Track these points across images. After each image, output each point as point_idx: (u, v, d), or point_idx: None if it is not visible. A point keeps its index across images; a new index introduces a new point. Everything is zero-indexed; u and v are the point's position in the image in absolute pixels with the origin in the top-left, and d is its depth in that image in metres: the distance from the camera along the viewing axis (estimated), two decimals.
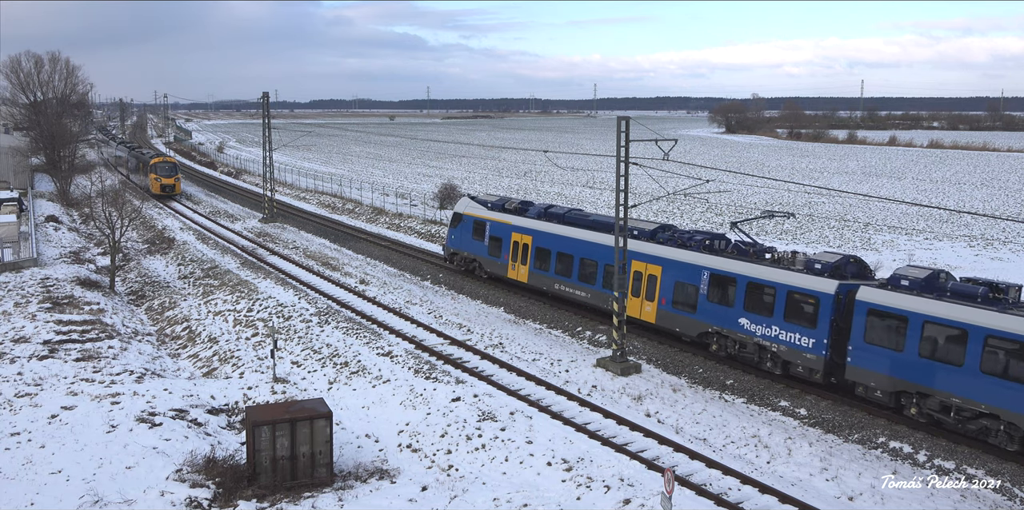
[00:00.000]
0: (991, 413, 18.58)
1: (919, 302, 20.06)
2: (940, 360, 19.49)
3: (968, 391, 18.89)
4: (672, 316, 26.51)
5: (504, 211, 35.03)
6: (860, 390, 21.45)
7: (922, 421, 20.31)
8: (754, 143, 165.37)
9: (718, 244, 26.72)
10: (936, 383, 19.53)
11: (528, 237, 32.69)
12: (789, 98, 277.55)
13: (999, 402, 18.28)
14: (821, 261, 22.94)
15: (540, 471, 18.20)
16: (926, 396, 19.94)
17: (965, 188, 77.90)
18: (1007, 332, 18.10)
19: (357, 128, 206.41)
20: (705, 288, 25.37)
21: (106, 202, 47.01)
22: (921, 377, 19.86)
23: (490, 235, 34.93)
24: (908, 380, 20.16)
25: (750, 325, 24.02)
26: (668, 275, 26.57)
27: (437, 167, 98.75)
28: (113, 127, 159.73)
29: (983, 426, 19.01)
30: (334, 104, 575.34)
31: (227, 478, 17.58)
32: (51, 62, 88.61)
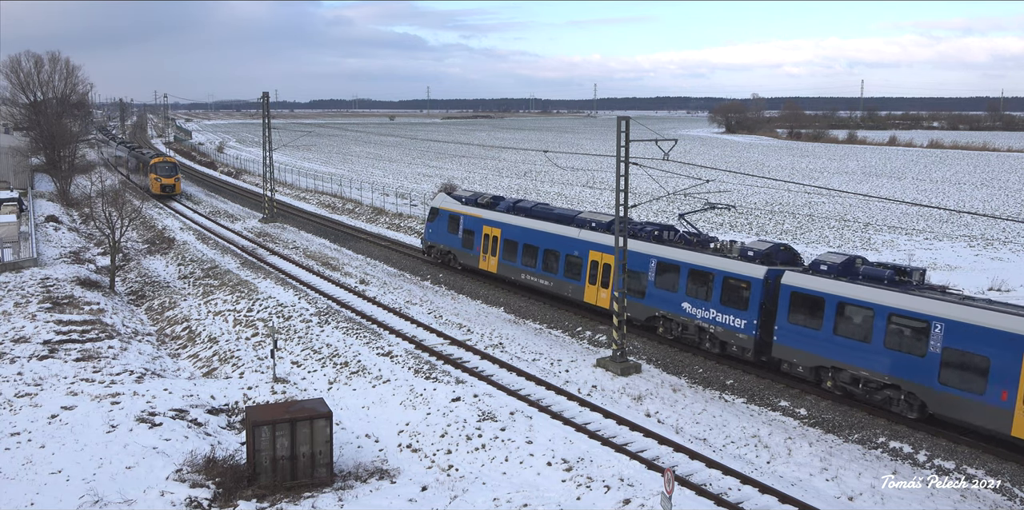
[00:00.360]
0: (893, 384, 20.54)
1: (834, 285, 21.87)
2: (851, 337, 21.40)
3: (874, 364, 20.87)
4: (635, 304, 27.80)
5: (476, 205, 36.71)
6: (785, 366, 23.29)
7: (837, 393, 22.14)
8: (754, 143, 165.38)
9: (667, 234, 28.50)
10: (848, 358, 21.46)
11: (497, 230, 34.42)
12: (789, 98, 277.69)
13: (900, 373, 20.28)
14: (754, 249, 24.72)
15: (540, 471, 18.20)
16: (840, 370, 21.81)
17: (965, 188, 77.90)
18: (906, 310, 20.10)
19: (357, 128, 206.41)
20: (652, 275, 27.18)
21: (106, 202, 47.02)
22: (836, 353, 21.77)
23: (463, 228, 36.63)
24: (825, 356, 22.02)
25: (692, 309, 25.87)
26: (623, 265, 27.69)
27: (437, 167, 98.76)
28: (113, 127, 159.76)
29: (887, 396, 20.88)
30: (334, 104, 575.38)
31: (227, 478, 17.58)
32: (51, 62, 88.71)
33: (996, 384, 18.29)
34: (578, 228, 30.59)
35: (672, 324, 26.98)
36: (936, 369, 19.51)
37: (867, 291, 21.12)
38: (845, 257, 22.89)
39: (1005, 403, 18.14)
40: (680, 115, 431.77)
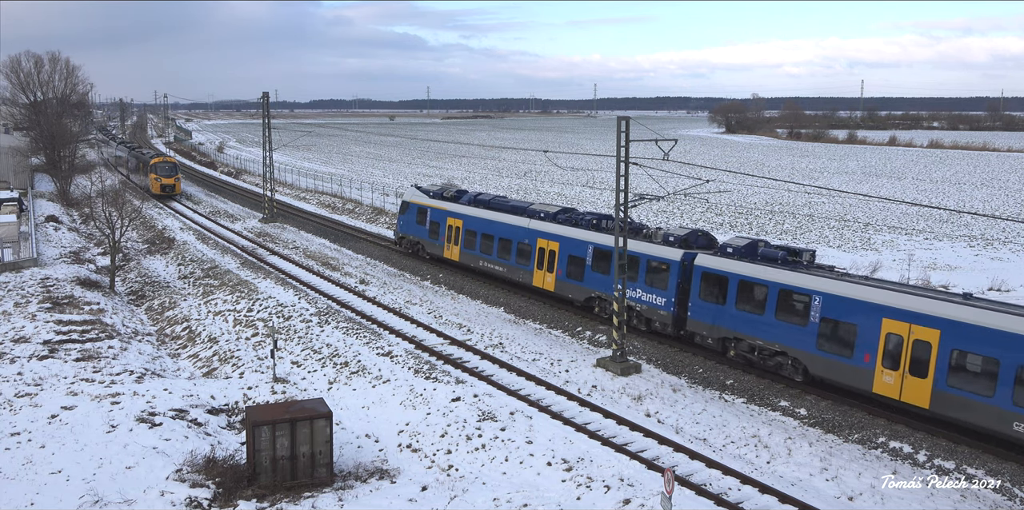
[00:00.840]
0: (782, 351, 23.21)
1: (736, 265, 24.66)
2: (749, 311, 24.14)
3: (767, 334, 23.60)
4: (566, 284, 30.73)
5: (442, 198, 39.34)
6: (697, 339, 26.07)
7: (739, 361, 24.88)
8: (754, 143, 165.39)
9: (604, 223, 30.68)
10: (746, 329, 24.23)
11: (459, 221, 37.00)
12: (789, 98, 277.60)
13: (787, 341, 23.05)
14: (674, 234, 27.28)
15: (540, 471, 18.20)
16: (740, 340, 24.58)
17: (965, 188, 77.90)
18: (792, 286, 22.89)
19: (357, 128, 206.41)
20: (590, 260, 29.64)
21: (106, 202, 47.02)
22: (737, 325, 24.55)
23: (430, 220, 39.25)
24: (729, 328, 24.80)
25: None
26: (564, 250, 30.89)
27: (437, 167, 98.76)
28: (113, 127, 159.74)
29: (778, 362, 23.56)
30: (334, 104, 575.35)
31: (227, 478, 17.59)
32: (51, 62, 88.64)
33: (861, 348, 21.09)
34: (528, 218, 33.23)
35: (606, 304, 29.20)
36: (815, 337, 22.26)
37: (762, 270, 23.83)
38: (748, 240, 25.60)
39: (868, 364, 21.03)
40: (680, 115, 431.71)
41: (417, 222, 40.32)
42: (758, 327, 23.84)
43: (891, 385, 20.44)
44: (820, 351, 22.17)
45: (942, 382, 19.39)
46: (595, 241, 29.39)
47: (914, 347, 19.96)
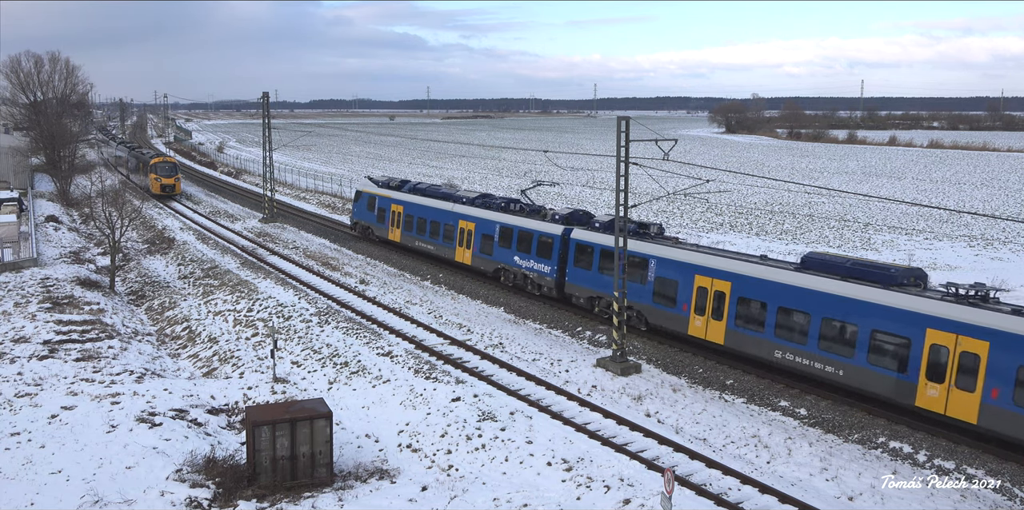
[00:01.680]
0: (630, 305, 27.55)
1: (598, 236, 29.54)
2: (607, 274, 28.72)
3: (639, 298, 27.81)
4: (479, 258, 35.72)
5: (388, 188, 44.20)
6: (573, 300, 30.99)
7: (604, 317, 29.32)
8: (754, 143, 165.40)
9: (511, 205, 35.80)
10: (606, 289, 28.85)
11: (400, 207, 41.93)
12: (789, 98, 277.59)
13: (633, 297, 27.56)
14: (559, 213, 32.32)
15: (540, 471, 18.20)
16: (602, 299, 29.53)
17: (965, 188, 77.91)
18: (635, 252, 27.56)
19: (357, 128, 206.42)
20: (496, 237, 34.52)
21: (106, 202, 47.01)
22: (599, 286, 29.39)
23: (378, 207, 44.06)
24: (594, 289, 29.69)
25: (520, 261, 33.28)
26: (478, 229, 35.64)
27: (437, 167, 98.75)
28: (113, 127, 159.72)
29: (628, 315, 27.34)
30: (334, 104, 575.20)
31: (227, 478, 17.58)
32: (51, 62, 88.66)
33: (680, 299, 26.22)
34: (452, 203, 37.96)
35: (509, 274, 34.29)
36: (651, 292, 27.24)
37: (634, 245, 27.86)
38: (611, 217, 29.52)
39: (684, 312, 26.10)
40: (680, 115, 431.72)
41: (367, 209, 45.25)
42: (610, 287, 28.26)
43: (700, 327, 25.71)
44: (655, 304, 27.19)
45: (732, 323, 24.59)
46: (501, 221, 34.48)
47: (714, 296, 25.05)
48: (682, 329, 26.15)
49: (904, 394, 20.29)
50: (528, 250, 32.65)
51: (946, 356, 19.35)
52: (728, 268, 24.68)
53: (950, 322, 19.34)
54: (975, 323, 18.86)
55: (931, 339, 19.63)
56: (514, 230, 33.45)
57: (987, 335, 18.54)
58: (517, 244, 33.30)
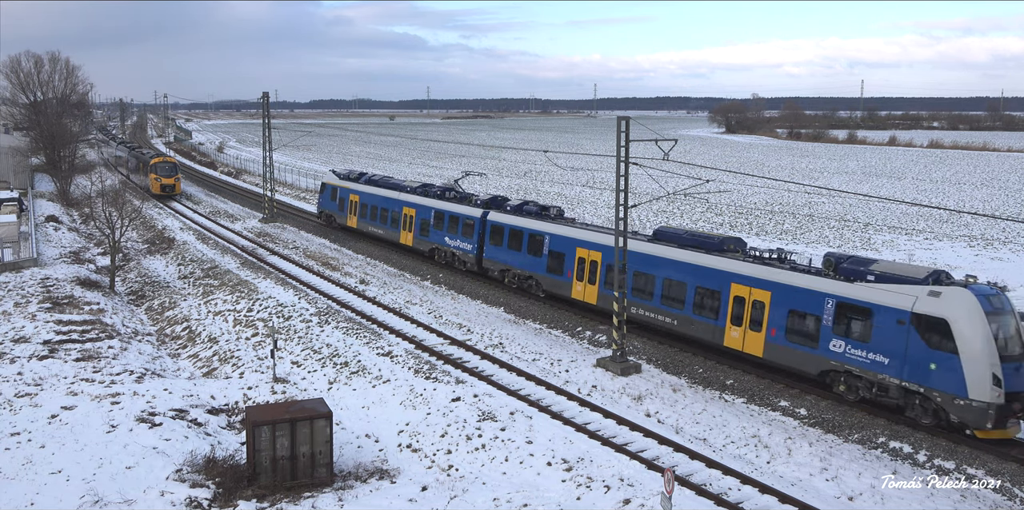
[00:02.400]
0: (530, 276, 33.12)
1: (508, 218, 34.64)
2: (514, 250, 33.88)
3: (523, 265, 33.34)
4: (418, 240, 40.63)
5: (348, 180, 49.16)
6: (489, 272, 35.84)
7: (513, 286, 34.44)
8: (754, 143, 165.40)
9: (446, 193, 40.47)
10: (514, 263, 33.93)
11: (357, 196, 47.00)
12: (789, 98, 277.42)
13: (532, 269, 32.86)
14: (480, 198, 37.69)
15: (540, 471, 18.20)
16: (510, 271, 34.38)
17: (965, 188, 77.92)
18: (534, 229, 32.89)
19: (357, 128, 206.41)
20: (432, 221, 39.21)
21: (106, 202, 47.01)
22: (508, 260, 34.29)
23: (339, 197, 49.12)
24: (504, 263, 34.59)
25: (449, 241, 38.04)
26: (418, 214, 40.54)
27: (437, 167, 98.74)
28: (113, 127, 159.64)
29: (528, 284, 33.41)
30: (334, 104, 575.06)
31: (227, 478, 17.59)
32: (51, 62, 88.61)
33: (567, 269, 31.03)
34: (399, 192, 42.94)
35: (442, 253, 39.03)
36: (546, 264, 32.01)
37: (522, 221, 33.78)
38: (521, 201, 36.07)
39: (568, 279, 30.97)
40: (680, 115, 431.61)
41: (331, 199, 50.35)
42: (518, 259, 33.65)
43: (580, 291, 30.49)
44: (549, 273, 31.97)
45: (602, 287, 29.31)
46: (436, 206, 39.09)
47: (590, 265, 29.94)
48: (567, 293, 31.12)
49: (717, 337, 25.05)
50: (456, 231, 37.64)
51: (743, 304, 24.13)
52: (599, 241, 29.60)
53: (746, 277, 24.14)
54: (762, 277, 23.58)
55: (734, 291, 24.48)
56: (445, 214, 38.51)
57: (770, 286, 23.32)
58: (448, 226, 38.24)
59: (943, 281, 20.64)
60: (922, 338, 19.86)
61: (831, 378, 22.17)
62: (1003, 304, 19.88)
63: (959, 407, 19.14)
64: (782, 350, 23.07)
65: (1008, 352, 19.22)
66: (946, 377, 19.36)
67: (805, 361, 22.54)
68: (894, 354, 20.42)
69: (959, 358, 19.14)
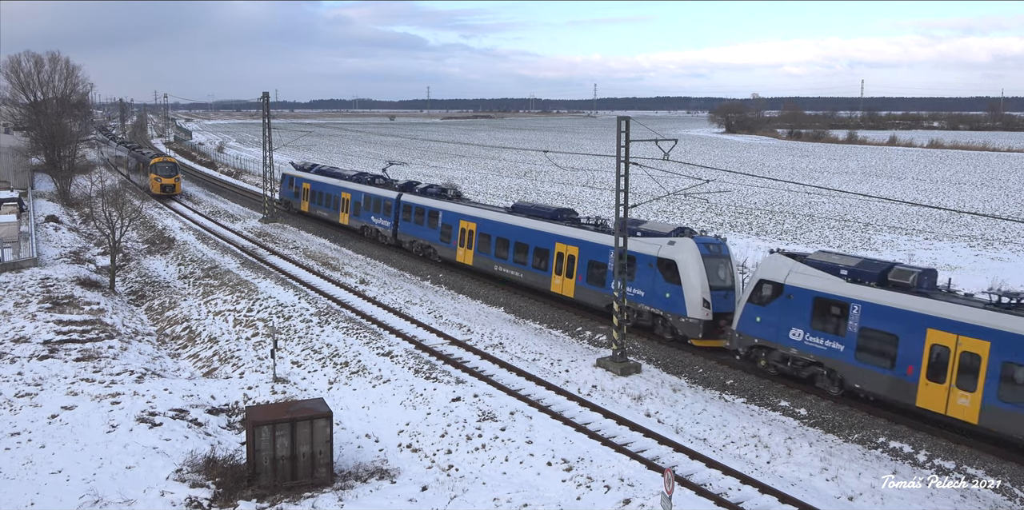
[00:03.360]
0: (429, 246, 40.03)
1: (415, 198, 41.66)
2: (421, 225, 40.73)
3: (426, 237, 40.37)
4: (353, 220, 48.00)
5: (303, 170, 56.82)
6: (403, 244, 42.87)
7: (418, 255, 41.39)
8: (754, 143, 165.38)
9: (377, 180, 48.10)
10: (421, 235, 40.81)
11: (308, 184, 54.50)
12: (789, 98, 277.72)
13: (430, 238, 39.95)
14: (398, 182, 46.23)
15: (540, 471, 18.20)
16: (416, 241, 41.40)
17: (965, 188, 77.92)
18: (433, 207, 39.73)
19: (357, 128, 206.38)
20: (363, 203, 46.71)
21: (106, 202, 47.00)
22: (416, 233, 41.30)
23: (295, 185, 56.41)
24: (413, 236, 41.65)
25: (375, 219, 45.31)
26: (352, 198, 48.00)
27: (437, 167, 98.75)
28: (113, 127, 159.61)
29: (427, 252, 40.51)
30: (334, 104, 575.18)
31: (227, 478, 17.58)
32: (51, 62, 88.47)
33: (453, 238, 37.59)
34: (340, 180, 50.44)
35: (370, 230, 46.16)
36: (439, 234, 38.94)
37: (425, 200, 40.70)
38: (429, 184, 43.46)
39: (455, 245, 37.56)
40: (680, 115, 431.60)
41: (289, 187, 57.46)
42: (421, 233, 40.73)
43: (462, 256, 37.06)
44: (440, 242, 38.80)
45: (476, 251, 35.99)
46: (365, 191, 46.76)
47: (468, 234, 36.60)
48: (453, 257, 37.77)
49: (546, 285, 31.79)
50: (379, 211, 44.79)
51: (563, 259, 30.87)
52: (475, 214, 36.40)
53: (564, 237, 30.98)
54: (574, 237, 30.53)
55: (557, 249, 31.24)
56: (372, 197, 45.79)
57: (577, 243, 30.29)
58: (373, 207, 45.47)
59: (682, 235, 27.04)
60: (661, 275, 26.66)
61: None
62: (719, 251, 26.47)
63: (683, 324, 26.12)
64: (585, 291, 29.90)
65: (716, 284, 25.87)
66: (675, 302, 26.21)
67: (598, 298, 29.08)
68: (647, 288, 27.27)
69: (682, 288, 25.88)
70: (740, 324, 24.27)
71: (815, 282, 22.25)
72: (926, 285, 20.98)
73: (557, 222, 32.05)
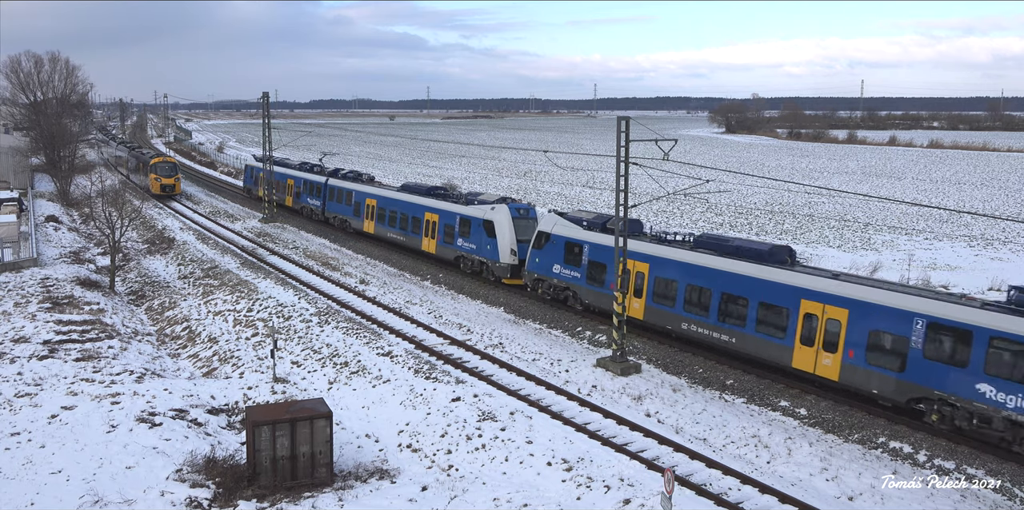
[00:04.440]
0: (346, 220, 48.39)
1: (340, 182, 50.02)
2: (340, 203, 49.15)
3: (344, 212, 48.60)
4: (296, 202, 56.86)
5: (258, 161, 63.40)
6: (330, 220, 51.34)
7: (350, 231, 49.06)
8: (754, 143, 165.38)
9: (315, 169, 56.82)
10: (340, 212, 49.28)
11: (263, 174, 60.41)
12: (789, 98, 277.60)
13: (345, 213, 48.56)
14: (326, 169, 55.32)
15: (540, 471, 18.20)
16: (338, 216, 49.97)
17: (965, 188, 77.92)
18: (348, 188, 48.17)
19: (357, 128, 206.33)
20: (301, 188, 56.03)
21: (106, 202, 47.00)
22: (339, 211, 49.61)
23: (254, 175, 65.10)
24: (335, 212, 50.05)
25: (310, 200, 54.26)
26: (295, 184, 57.00)
27: (437, 167, 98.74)
28: (113, 127, 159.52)
29: (347, 225, 48.73)
30: (334, 104, 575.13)
31: (227, 478, 17.58)
32: (51, 62, 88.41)
33: (362, 213, 46.56)
34: (286, 168, 59.82)
35: (307, 210, 55.13)
36: (352, 210, 47.67)
37: (345, 184, 49.34)
38: (349, 170, 52.85)
39: (362, 219, 46.66)
40: (680, 115, 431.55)
41: (250, 177, 66.65)
42: (341, 210, 49.23)
43: (368, 227, 45.94)
44: (354, 216, 47.72)
45: (376, 223, 44.96)
46: (304, 177, 55.87)
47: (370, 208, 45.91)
48: (361, 228, 46.85)
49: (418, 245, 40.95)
50: (312, 193, 53.96)
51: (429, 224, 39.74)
52: (375, 192, 45.82)
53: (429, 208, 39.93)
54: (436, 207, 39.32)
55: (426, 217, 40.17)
56: (308, 182, 54.82)
57: (438, 212, 39.01)
58: (308, 190, 54.46)
59: (503, 203, 36.20)
60: (485, 232, 35.19)
61: (461, 262, 37.55)
62: (527, 214, 35.46)
63: (497, 268, 34.83)
64: (442, 248, 38.76)
65: (522, 238, 34.19)
66: (493, 251, 34.84)
67: (450, 253, 38.13)
68: (477, 243, 35.89)
69: (497, 241, 34.57)
70: (528, 265, 32.95)
71: (567, 231, 31.08)
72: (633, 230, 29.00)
73: (427, 197, 40.80)
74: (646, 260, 26.98)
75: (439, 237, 38.69)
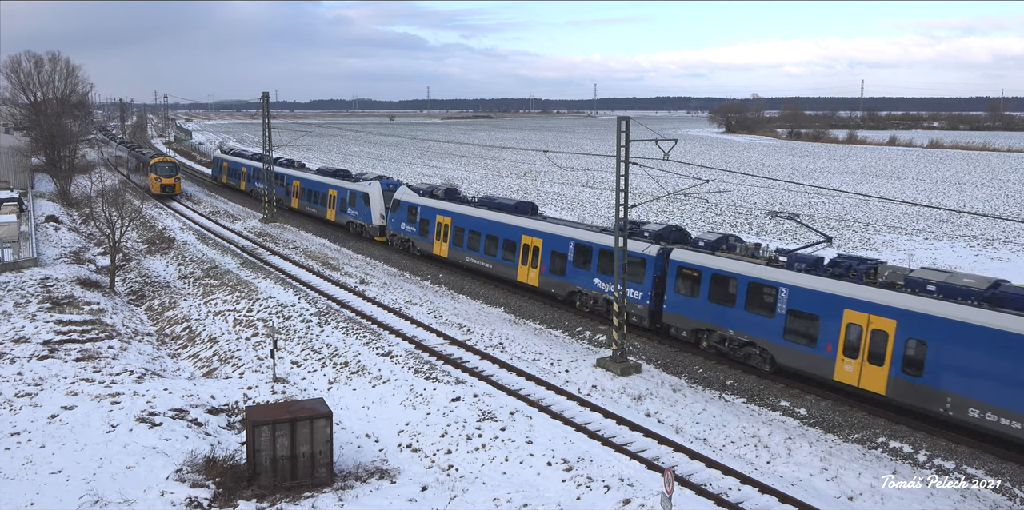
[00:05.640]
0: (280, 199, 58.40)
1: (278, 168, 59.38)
2: (279, 186, 58.63)
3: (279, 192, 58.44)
4: (247, 186, 66.91)
5: (224, 153, 77.19)
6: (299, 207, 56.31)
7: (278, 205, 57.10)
8: (754, 143, 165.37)
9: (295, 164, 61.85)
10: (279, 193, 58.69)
11: (226, 163, 74.26)
12: (789, 98, 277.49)
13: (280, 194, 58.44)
14: (294, 163, 61.86)
15: (540, 471, 18.20)
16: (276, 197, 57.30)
17: (965, 188, 77.91)
18: (316, 181, 53.67)
19: (357, 128, 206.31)
20: (251, 173, 64.90)
21: (106, 202, 47.00)
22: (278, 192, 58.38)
23: (218, 165, 76.72)
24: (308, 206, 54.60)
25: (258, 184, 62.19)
26: (247, 171, 66.65)
27: (437, 167, 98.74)
28: (113, 127, 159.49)
29: (281, 204, 58.34)
30: (334, 104, 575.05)
31: (227, 478, 17.59)
32: (51, 62, 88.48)
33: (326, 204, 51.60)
34: (242, 158, 69.73)
35: (255, 192, 63.59)
36: (284, 191, 57.52)
37: (281, 169, 58.79)
38: (287, 159, 62.81)
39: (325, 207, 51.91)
40: (680, 115, 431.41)
41: (217, 166, 77.12)
42: (279, 191, 57.90)
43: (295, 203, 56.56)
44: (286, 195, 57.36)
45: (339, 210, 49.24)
46: (253, 165, 64.81)
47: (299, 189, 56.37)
48: (290, 205, 56.83)
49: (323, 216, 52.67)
50: (259, 178, 61.35)
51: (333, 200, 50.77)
52: (297, 175, 56.66)
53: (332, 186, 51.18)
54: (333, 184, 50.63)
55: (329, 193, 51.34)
56: (256, 169, 63.87)
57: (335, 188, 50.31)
58: (256, 176, 63.77)
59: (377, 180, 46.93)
60: (363, 203, 45.77)
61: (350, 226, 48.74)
62: (394, 189, 43.92)
63: (370, 228, 45.45)
64: (339, 216, 49.56)
65: (388, 205, 43.47)
66: (368, 217, 45.32)
67: (343, 219, 49.35)
68: (359, 212, 46.48)
69: (370, 209, 44.92)
70: (388, 225, 43.47)
71: (409, 198, 41.17)
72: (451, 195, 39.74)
73: (332, 177, 51.42)
74: (448, 215, 37.87)
75: (336, 208, 50.06)
